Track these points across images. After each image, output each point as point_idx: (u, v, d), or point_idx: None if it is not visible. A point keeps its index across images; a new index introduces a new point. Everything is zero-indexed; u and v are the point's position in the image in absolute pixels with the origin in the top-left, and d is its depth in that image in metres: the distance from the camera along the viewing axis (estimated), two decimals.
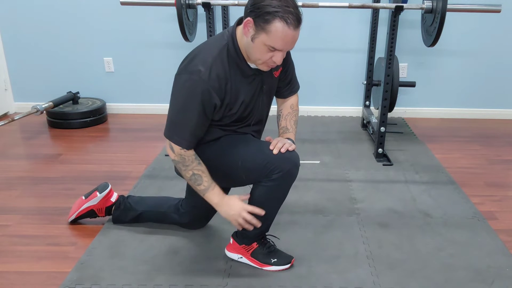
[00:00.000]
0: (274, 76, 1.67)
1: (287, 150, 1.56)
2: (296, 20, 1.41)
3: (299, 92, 1.87)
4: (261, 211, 1.60)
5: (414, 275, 1.71)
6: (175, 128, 1.55)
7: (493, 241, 1.93)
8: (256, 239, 1.75)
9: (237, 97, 1.55)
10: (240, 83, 1.55)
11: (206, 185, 1.60)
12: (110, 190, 2.01)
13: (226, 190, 1.87)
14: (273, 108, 1.77)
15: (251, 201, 1.67)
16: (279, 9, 1.37)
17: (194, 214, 1.92)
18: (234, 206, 1.60)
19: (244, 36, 1.47)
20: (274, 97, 1.81)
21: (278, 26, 1.38)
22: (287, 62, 1.72)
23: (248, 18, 1.41)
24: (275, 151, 1.55)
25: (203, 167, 1.59)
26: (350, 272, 1.73)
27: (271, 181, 1.57)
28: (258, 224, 1.61)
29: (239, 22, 1.53)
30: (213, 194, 1.61)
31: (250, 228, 1.62)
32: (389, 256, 1.83)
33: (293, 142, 1.66)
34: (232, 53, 1.51)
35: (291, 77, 1.79)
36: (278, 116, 1.82)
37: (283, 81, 1.76)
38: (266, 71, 1.59)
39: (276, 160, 1.55)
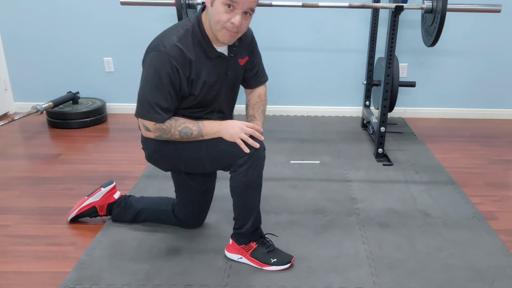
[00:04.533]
0: (239, 63, 1.73)
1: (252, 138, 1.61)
2: None
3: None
4: (260, 129, 1.63)
5: (414, 275, 1.71)
6: (148, 106, 1.59)
7: (493, 241, 1.93)
8: (253, 237, 1.75)
9: (200, 75, 1.60)
10: (203, 63, 1.60)
11: (196, 128, 1.61)
12: (114, 186, 2.05)
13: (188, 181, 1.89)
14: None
15: (231, 195, 1.70)
16: None
17: (187, 211, 1.94)
18: (235, 124, 1.61)
19: (207, 12, 1.55)
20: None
21: None
22: (254, 52, 1.80)
23: None
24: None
25: (181, 119, 1.62)
26: (350, 272, 1.73)
27: (240, 167, 1.61)
28: (260, 137, 1.61)
29: (204, 8, 1.61)
30: (209, 128, 1.62)
31: (256, 145, 1.59)
32: (389, 256, 1.83)
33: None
34: (197, 33, 1.59)
35: (258, 67, 1.84)
36: (246, 106, 1.86)
37: (250, 71, 1.81)
38: (232, 58, 1.67)
39: (240, 146, 1.59)
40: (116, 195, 2.04)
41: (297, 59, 3.49)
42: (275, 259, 1.73)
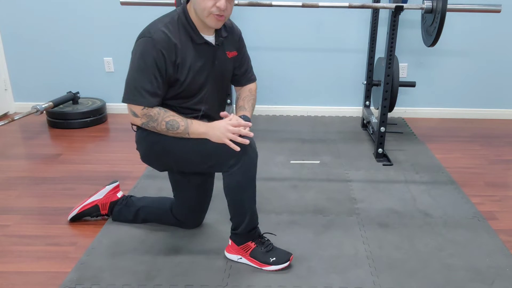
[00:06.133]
0: (227, 55, 1.76)
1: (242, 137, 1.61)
2: None
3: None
4: (246, 123, 1.62)
5: (414, 275, 1.71)
6: (134, 91, 1.61)
7: (493, 241, 1.93)
8: (251, 237, 1.75)
9: (185, 60, 1.63)
10: (189, 48, 1.64)
11: (184, 123, 1.62)
12: (118, 185, 2.08)
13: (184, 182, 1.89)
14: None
15: (225, 196, 1.71)
16: None
17: (186, 211, 1.94)
18: (220, 125, 1.60)
19: (192, 1, 1.61)
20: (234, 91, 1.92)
21: None
22: (242, 50, 1.84)
23: None
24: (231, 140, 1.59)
25: (170, 111, 1.64)
26: (350, 272, 1.73)
27: (232, 167, 1.62)
28: (249, 133, 1.60)
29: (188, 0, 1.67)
30: (196, 127, 1.62)
31: (246, 142, 1.58)
32: (389, 256, 1.83)
33: (249, 119, 1.74)
34: (183, 21, 1.64)
35: (247, 66, 1.89)
36: (237, 99, 1.89)
37: (239, 68, 1.86)
38: (219, 48, 1.70)
39: (231, 148, 1.59)
40: (119, 194, 2.06)
41: (297, 59, 3.49)
42: (274, 258, 1.73)
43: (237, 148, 1.58)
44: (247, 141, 1.58)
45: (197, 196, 1.91)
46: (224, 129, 1.58)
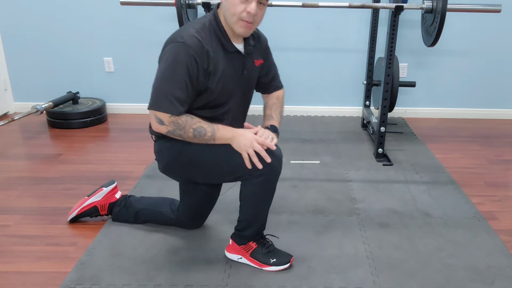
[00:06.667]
0: (254, 64, 1.73)
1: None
2: None
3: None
4: (270, 145, 1.57)
5: (414, 275, 1.71)
6: (163, 98, 1.53)
7: (493, 241, 1.93)
8: (253, 239, 1.75)
9: (217, 67, 1.59)
10: (221, 56, 1.60)
11: (211, 129, 1.57)
12: (116, 186, 2.05)
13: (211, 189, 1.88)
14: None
15: (240, 199, 1.69)
16: None
17: (190, 214, 1.93)
18: (247, 136, 1.56)
19: (222, 7, 1.57)
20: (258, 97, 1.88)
21: None
22: (268, 58, 1.82)
23: None
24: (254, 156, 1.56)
25: (196, 118, 1.58)
26: (350, 272, 1.73)
27: (256, 178, 1.59)
28: (267, 158, 1.55)
29: (218, 5, 1.63)
30: (223, 133, 1.58)
31: (259, 165, 1.55)
32: (389, 256, 1.83)
33: (277, 129, 1.73)
34: (214, 27, 1.59)
35: (274, 73, 1.87)
36: (264, 106, 1.88)
37: (266, 76, 1.83)
38: (248, 57, 1.67)
39: (244, 160, 1.57)
40: (118, 195, 2.05)
41: (297, 59, 3.49)
42: (274, 259, 1.73)
43: (249, 166, 1.56)
44: (260, 165, 1.55)
45: (205, 201, 1.91)
46: (249, 142, 1.55)
